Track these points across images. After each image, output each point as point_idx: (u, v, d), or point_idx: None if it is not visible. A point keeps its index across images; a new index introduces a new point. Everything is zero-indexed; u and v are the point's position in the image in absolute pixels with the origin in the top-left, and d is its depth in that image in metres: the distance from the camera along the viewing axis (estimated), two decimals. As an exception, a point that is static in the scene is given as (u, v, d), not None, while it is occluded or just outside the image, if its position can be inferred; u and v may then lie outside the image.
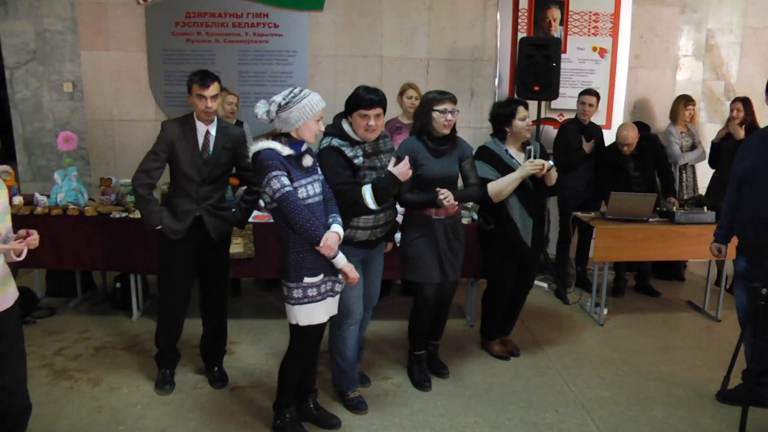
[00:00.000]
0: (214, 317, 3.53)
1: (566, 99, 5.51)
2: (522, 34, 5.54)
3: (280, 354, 3.78)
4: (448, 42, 5.67)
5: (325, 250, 2.66)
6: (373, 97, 2.88)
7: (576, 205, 4.97)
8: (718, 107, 5.97)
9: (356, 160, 2.96)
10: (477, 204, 3.91)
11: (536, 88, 4.96)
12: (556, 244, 5.33)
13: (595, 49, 5.74)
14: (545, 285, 5.24)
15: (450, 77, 5.69)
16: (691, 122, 5.48)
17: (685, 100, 5.37)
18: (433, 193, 3.17)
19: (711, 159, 5.27)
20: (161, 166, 3.26)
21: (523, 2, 5.58)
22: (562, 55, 5.13)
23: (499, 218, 3.62)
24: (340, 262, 2.73)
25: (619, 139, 4.80)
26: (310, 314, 2.75)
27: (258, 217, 4.15)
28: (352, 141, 2.96)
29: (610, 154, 4.93)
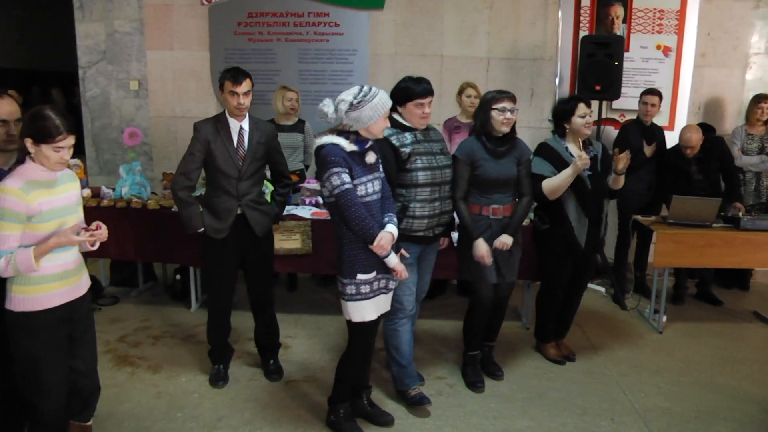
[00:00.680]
0: (263, 312, 3.58)
1: (628, 99, 5.36)
2: (584, 32, 5.42)
3: (334, 349, 3.87)
4: (508, 41, 5.60)
5: (378, 250, 2.67)
6: (426, 87, 3.01)
7: (636, 207, 4.83)
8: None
9: (404, 148, 3.01)
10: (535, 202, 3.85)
11: (597, 87, 4.85)
12: (614, 248, 5.19)
13: (659, 47, 5.56)
14: (602, 289, 5.12)
15: (510, 76, 5.62)
16: (765, 124, 5.17)
17: (757, 99, 5.04)
18: (481, 220, 3.25)
19: None
20: (199, 167, 3.29)
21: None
22: (624, 54, 5.00)
23: (554, 217, 3.57)
24: (392, 261, 2.74)
25: (682, 142, 4.64)
26: (362, 311, 2.77)
27: (316, 213, 4.21)
28: (403, 127, 3.05)
29: (672, 157, 4.77)
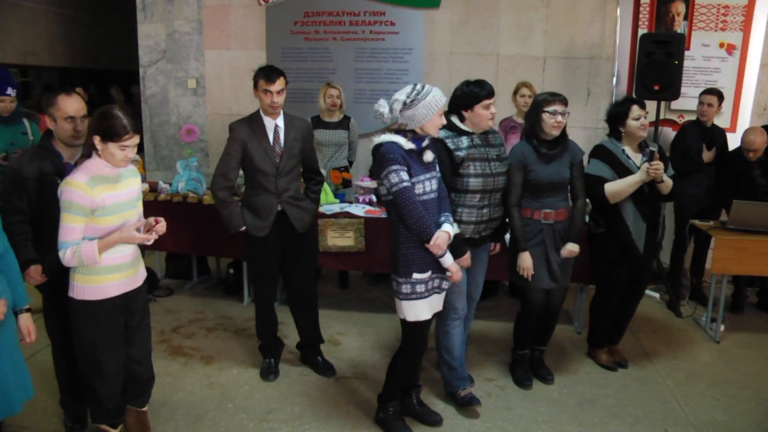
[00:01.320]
0: (306, 309, 3.61)
1: (687, 99, 5.17)
2: (643, 30, 5.27)
3: (385, 347, 3.89)
4: (565, 39, 5.50)
5: (434, 249, 2.67)
6: (490, 88, 3.02)
7: (694, 212, 4.67)
8: None
9: (458, 152, 3.01)
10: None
11: (656, 87, 4.69)
12: (670, 253, 5.04)
13: (722, 45, 5.35)
14: (657, 295, 4.98)
15: (566, 76, 5.52)
16: None
17: None
18: (532, 224, 3.24)
19: None
20: (237, 167, 3.34)
21: (645, -3, 5.31)
22: (685, 52, 4.82)
23: (611, 221, 3.49)
24: (447, 261, 2.74)
25: (744, 144, 4.46)
26: (416, 310, 2.77)
27: (370, 211, 4.24)
28: (460, 131, 3.04)
29: (734, 160, 4.59)
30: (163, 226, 2.48)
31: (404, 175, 2.64)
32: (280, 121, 3.35)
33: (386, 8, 5.57)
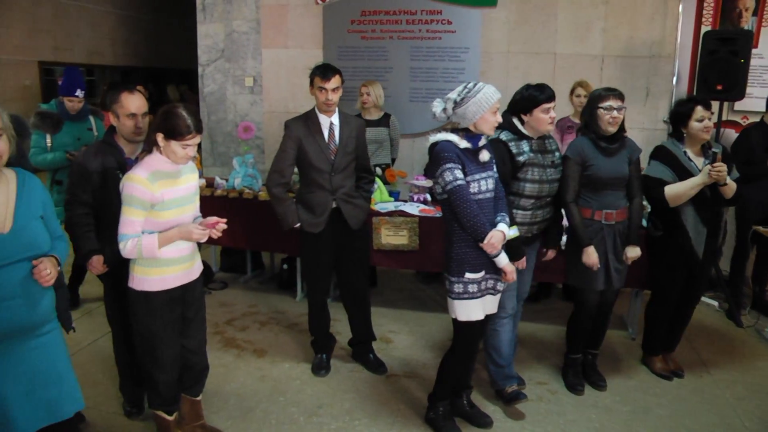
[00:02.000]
0: (359, 306, 3.63)
1: (753, 100, 4.96)
2: (706, 27, 5.08)
3: (436, 347, 3.89)
4: (624, 37, 5.37)
5: (488, 248, 2.66)
6: (551, 92, 2.99)
7: (757, 218, 4.48)
8: None
9: (520, 157, 2.98)
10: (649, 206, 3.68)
11: (719, 87, 4.50)
12: (731, 260, 4.84)
13: (795, 42, 5.11)
14: (716, 303, 4.80)
15: (625, 75, 5.38)
16: None
17: None
18: (592, 225, 3.17)
19: None
20: (292, 164, 3.38)
21: (710, -8, 5.12)
22: (752, 50, 4.62)
23: (669, 224, 3.39)
24: (502, 261, 2.72)
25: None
26: (468, 310, 2.76)
27: (424, 210, 4.24)
28: (521, 135, 3.02)
29: (803, 165, 4.39)
30: (222, 227, 2.54)
31: (458, 173, 2.64)
32: (335, 119, 3.38)
33: (443, 7, 5.55)
